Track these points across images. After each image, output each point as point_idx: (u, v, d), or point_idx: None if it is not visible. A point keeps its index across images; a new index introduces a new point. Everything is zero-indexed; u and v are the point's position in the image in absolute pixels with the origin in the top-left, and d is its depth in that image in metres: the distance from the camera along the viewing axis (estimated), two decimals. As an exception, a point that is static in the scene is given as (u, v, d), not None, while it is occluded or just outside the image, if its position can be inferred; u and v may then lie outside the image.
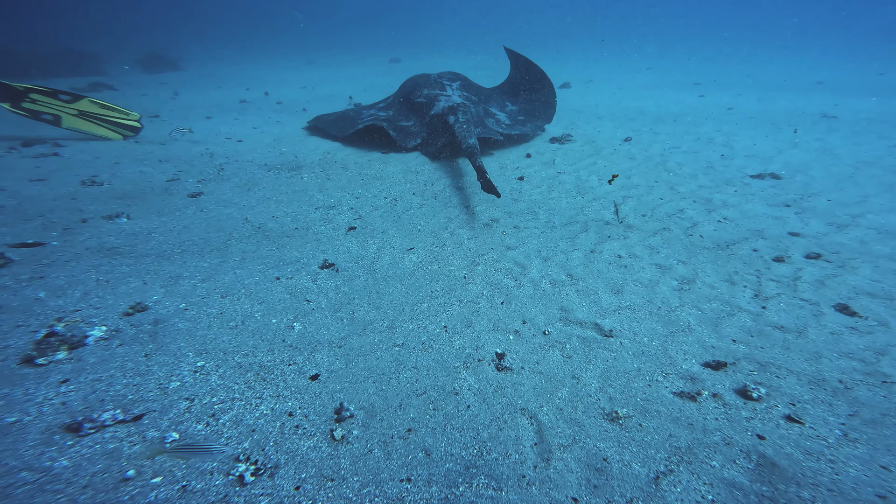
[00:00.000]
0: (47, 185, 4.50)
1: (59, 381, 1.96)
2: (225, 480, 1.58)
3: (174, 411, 1.85)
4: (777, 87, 13.75)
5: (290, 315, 2.60)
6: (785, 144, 6.85)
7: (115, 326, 2.36)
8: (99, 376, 2.01)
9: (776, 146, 6.76)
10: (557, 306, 2.76)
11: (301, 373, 2.16)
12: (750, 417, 1.94)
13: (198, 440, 1.69)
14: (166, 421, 1.80)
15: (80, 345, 2.17)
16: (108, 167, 5.18)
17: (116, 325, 2.37)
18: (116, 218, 3.77)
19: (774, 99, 11.39)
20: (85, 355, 2.13)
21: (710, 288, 2.96)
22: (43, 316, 2.42)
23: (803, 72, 17.61)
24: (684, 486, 1.63)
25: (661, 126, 8.29)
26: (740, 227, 3.93)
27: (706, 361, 2.28)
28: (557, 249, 3.51)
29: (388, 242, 3.57)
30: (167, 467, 1.59)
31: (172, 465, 1.60)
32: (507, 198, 4.66)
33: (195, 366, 2.14)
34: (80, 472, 1.54)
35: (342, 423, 1.88)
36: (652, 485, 1.64)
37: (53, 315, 2.42)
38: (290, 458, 1.69)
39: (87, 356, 2.13)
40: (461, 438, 1.82)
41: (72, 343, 2.14)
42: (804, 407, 1.99)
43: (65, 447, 1.64)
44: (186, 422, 1.81)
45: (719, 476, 1.67)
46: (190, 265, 3.09)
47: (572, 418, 1.94)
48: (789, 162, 5.91)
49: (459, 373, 2.20)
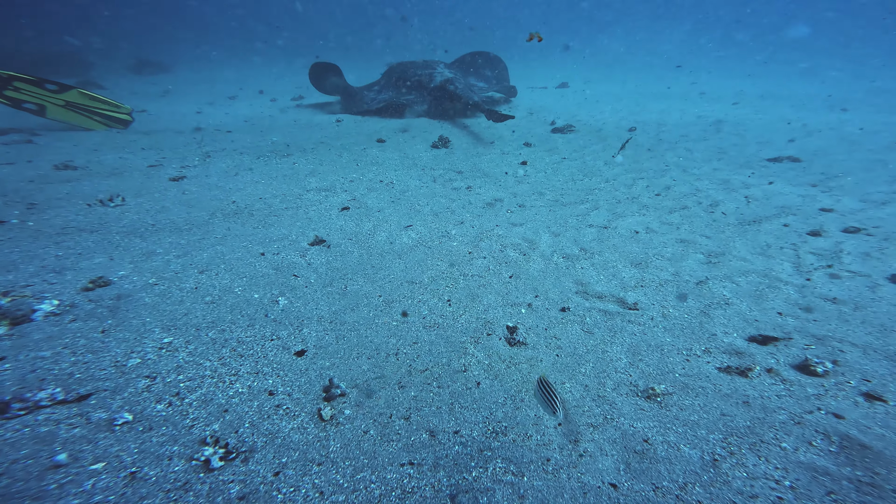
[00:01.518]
0: (15, 168, 4.18)
1: None
2: (186, 466, 1.28)
3: (130, 390, 1.55)
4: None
5: (275, 290, 2.31)
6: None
7: (70, 301, 2.06)
8: (42, 353, 1.70)
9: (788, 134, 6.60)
10: (572, 280, 2.49)
11: (285, 348, 1.86)
12: (819, 395, 1.68)
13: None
14: (119, 401, 1.49)
15: (24, 320, 1.86)
16: (85, 153, 4.88)
17: (72, 300, 2.07)
18: (90, 200, 3.46)
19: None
20: (29, 331, 1.83)
21: (743, 261, 2.73)
22: (-11, 292, 2.11)
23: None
24: (751, 470, 1.36)
25: (667, 117, 8.14)
26: (766, 205, 3.73)
27: (751, 335, 2.03)
28: (568, 225, 3.26)
29: (385, 220, 3.30)
30: (113, 451, 1.29)
31: (120, 448, 1.30)
32: (509, 179, 4.42)
33: (161, 342, 1.84)
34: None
35: (332, 401, 1.58)
36: (710, 468, 1.36)
37: (0, 290, 2.11)
38: (268, 440, 1.40)
39: (31, 332, 1.82)
40: (472, 418, 1.54)
41: (14, 318, 1.83)
42: (883, 383, 1.73)
43: None
44: (144, 402, 1.50)
45: (794, 459, 1.40)
46: (165, 242, 2.79)
47: (601, 395, 1.67)
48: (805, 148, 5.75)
49: (466, 347, 1.92)
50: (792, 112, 8.86)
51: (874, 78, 13.92)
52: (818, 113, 8.61)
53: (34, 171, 4.10)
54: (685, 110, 9.20)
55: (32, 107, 5.75)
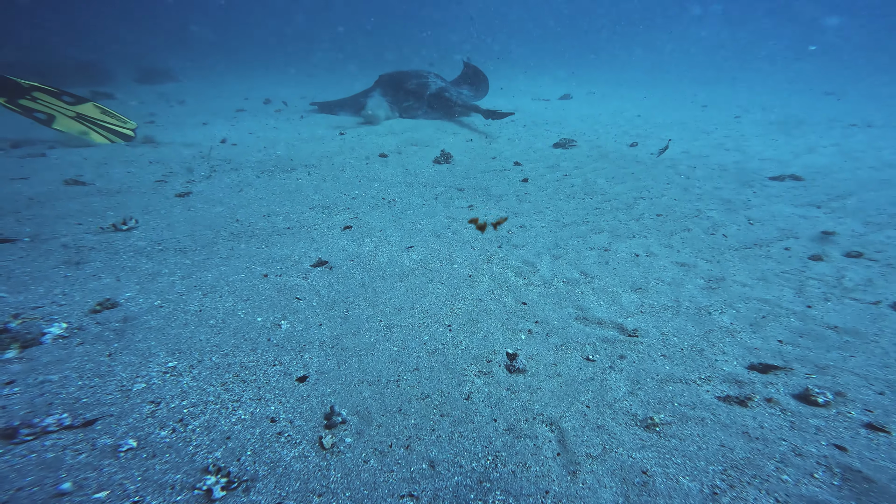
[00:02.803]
0: (28, 183, 4.27)
1: (3, 382, 1.69)
2: (189, 496, 1.30)
3: (135, 416, 1.58)
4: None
5: (278, 313, 2.35)
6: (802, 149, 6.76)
7: (77, 324, 2.10)
8: (50, 377, 1.74)
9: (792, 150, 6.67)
10: (573, 305, 2.52)
11: (287, 374, 1.90)
12: (820, 426, 1.69)
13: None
14: (123, 426, 1.53)
15: (34, 343, 1.91)
16: (94, 167, 4.98)
17: (80, 323, 2.11)
18: (97, 216, 3.53)
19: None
20: (38, 354, 1.87)
21: (743, 286, 2.75)
22: (0, 312, 2.15)
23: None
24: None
25: (667, 132, 8.23)
26: (768, 227, 3.76)
27: (751, 364, 2.05)
28: (569, 248, 3.30)
29: (386, 240, 3.35)
30: (117, 479, 1.32)
31: (124, 476, 1.33)
32: (511, 197, 4.47)
33: (166, 366, 1.88)
34: (2, 486, 1.27)
35: (333, 429, 1.61)
36: (709, 502, 1.38)
37: (11, 311, 2.16)
38: (270, 469, 1.42)
39: (40, 355, 1.86)
40: (472, 448, 1.56)
41: (25, 341, 1.88)
42: (886, 414, 1.74)
43: None
44: (148, 427, 1.54)
45: (796, 492, 1.42)
46: (170, 262, 2.85)
47: (600, 425, 1.69)
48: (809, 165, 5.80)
49: (467, 375, 1.94)
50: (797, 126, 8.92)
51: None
52: (824, 126, 8.68)
53: (45, 187, 4.19)
54: (687, 124, 9.28)
55: (42, 116, 5.81)
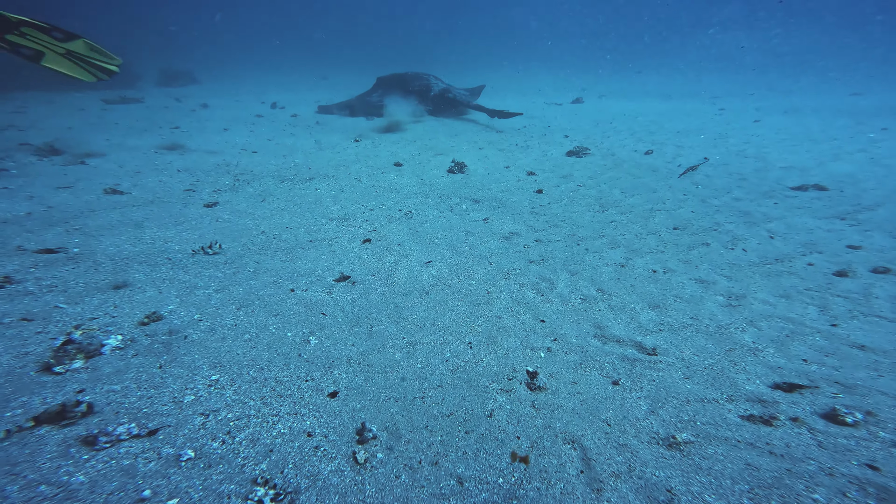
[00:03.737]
0: (73, 192, 4.53)
1: (75, 390, 1.88)
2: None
3: (189, 427, 1.76)
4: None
5: (306, 328, 2.51)
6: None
7: (130, 336, 2.29)
8: (114, 387, 1.93)
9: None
10: (590, 322, 2.63)
11: (319, 389, 2.05)
12: (850, 446, 1.74)
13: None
14: (181, 437, 1.70)
15: (96, 353, 2.10)
16: (130, 176, 5.23)
17: (132, 335, 2.30)
18: (136, 226, 3.75)
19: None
20: (101, 364, 2.06)
21: (765, 304, 2.80)
22: (62, 323, 2.36)
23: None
24: (778, 523, 1.47)
25: (685, 139, 8.21)
26: (790, 241, 3.77)
27: (775, 383, 2.11)
28: (585, 263, 3.40)
29: (406, 255, 3.49)
30: (183, 487, 1.49)
31: (188, 485, 1.50)
32: (525, 209, 4.58)
33: (209, 379, 2.05)
34: (96, 490, 1.45)
35: (365, 444, 1.76)
36: (729, 521, 1.49)
37: (72, 322, 2.36)
38: (311, 482, 1.58)
39: (102, 366, 2.05)
40: (497, 464, 1.69)
41: (88, 352, 2.07)
42: None
43: (81, 461, 1.54)
44: (202, 439, 1.71)
45: None
46: (204, 275, 3.04)
47: (622, 444, 1.79)
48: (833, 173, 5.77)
49: (489, 392, 2.08)
50: (820, 129, 8.77)
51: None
52: (847, 130, 8.54)
53: (88, 196, 4.44)
54: (705, 129, 9.23)
55: (29, 52, 5.23)
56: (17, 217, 3.79)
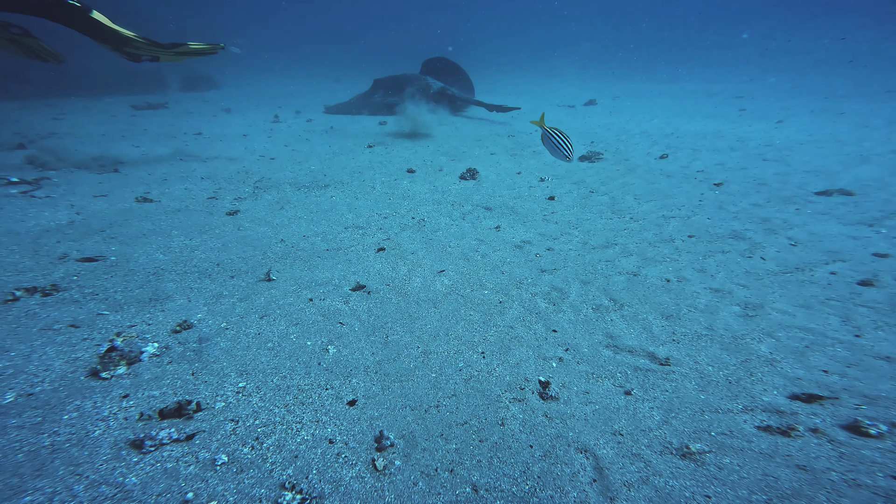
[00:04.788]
0: (108, 201, 4.78)
1: (120, 395, 2.04)
2: (272, 509, 1.59)
3: (221, 433, 1.89)
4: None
5: (325, 338, 2.63)
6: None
7: (164, 343, 2.45)
8: (153, 393, 2.08)
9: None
10: (602, 332, 2.69)
11: (338, 398, 2.17)
12: (874, 458, 1.73)
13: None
14: (215, 442, 1.83)
15: (136, 360, 2.26)
16: (158, 184, 5.47)
17: (166, 342, 2.46)
18: (165, 235, 3.95)
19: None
20: (141, 371, 2.22)
21: (783, 314, 2.79)
22: (104, 330, 2.53)
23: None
24: (804, 533, 1.49)
25: (702, 141, 8.12)
26: (812, 249, 3.70)
27: (793, 393, 2.10)
28: (597, 272, 3.44)
29: (419, 264, 3.59)
30: (219, 491, 1.62)
31: (224, 488, 1.63)
32: (537, 217, 4.64)
33: (237, 386, 2.18)
34: (147, 491, 1.59)
35: (383, 452, 1.86)
36: (748, 532, 1.53)
37: (113, 329, 2.54)
38: (334, 488, 1.69)
39: (142, 372, 2.21)
40: (511, 473, 1.77)
41: (130, 358, 2.23)
42: None
43: (132, 464, 1.69)
44: (233, 444, 1.84)
45: None
46: (229, 284, 3.19)
47: (635, 453, 1.84)
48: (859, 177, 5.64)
49: (502, 401, 2.16)
50: (849, 131, 8.54)
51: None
52: (879, 130, 8.30)
53: (122, 204, 4.68)
54: (722, 132, 9.09)
55: (148, 58, 6.18)
56: (60, 226, 4.03)
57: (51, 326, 2.50)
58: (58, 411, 1.92)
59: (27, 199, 4.64)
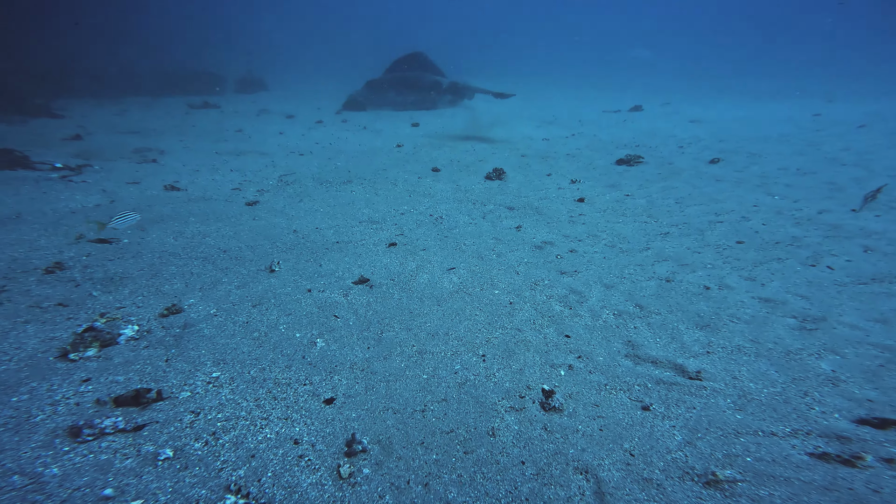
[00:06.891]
0: (138, 187, 4.96)
1: (81, 379, 1.93)
2: (210, 515, 1.37)
3: (176, 424, 1.71)
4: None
5: (315, 330, 2.43)
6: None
7: (147, 327, 2.35)
8: (118, 378, 1.95)
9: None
10: (622, 340, 2.31)
11: (315, 394, 1.94)
12: None
13: None
14: (165, 435, 1.65)
15: (111, 343, 2.16)
16: (189, 175, 5.64)
17: (149, 326, 2.36)
18: (182, 221, 3.98)
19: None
20: (113, 354, 2.11)
21: (852, 329, 2.35)
22: (91, 310, 2.49)
23: None
24: None
25: (763, 146, 7.34)
26: (892, 259, 3.17)
27: (861, 417, 1.73)
28: (624, 276, 3.04)
29: (429, 261, 3.34)
30: (152, 489, 1.43)
31: (158, 486, 1.44)
32: (563, 218, 4.26)
33: (210, 376, 2.02)
34: (65, 484, 1.43)
35: (352, 458, 1.61)
36: None
37: (100, 310, 2.48)
38: (287, 494, 1.45)
39: (114, 355, 2.10)
40: (494, 492, 1.46)
41: (104, 340, 2.13)
42: None
43: (60, 453, 1.54)
44: (185, 437, 1.65)
45: None
46: (231, 271, 3.09)
47: (647, 478, 1.49)
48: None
49: (497, 410, 1.85)
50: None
51: None
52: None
53: (151, 192, 4.83)
54: (789, 136, 8.21)
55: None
56: (86, 208, 4.17)
57: (39, 304, 2.48)
58: (11, 392, 1.82)
59: (65, 182, 4.90)
